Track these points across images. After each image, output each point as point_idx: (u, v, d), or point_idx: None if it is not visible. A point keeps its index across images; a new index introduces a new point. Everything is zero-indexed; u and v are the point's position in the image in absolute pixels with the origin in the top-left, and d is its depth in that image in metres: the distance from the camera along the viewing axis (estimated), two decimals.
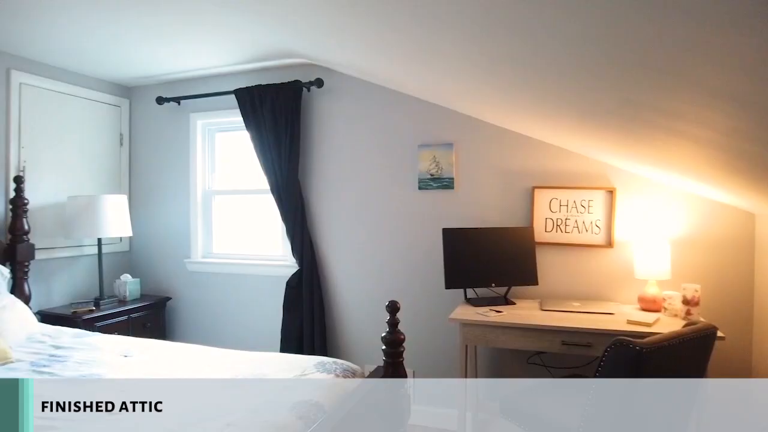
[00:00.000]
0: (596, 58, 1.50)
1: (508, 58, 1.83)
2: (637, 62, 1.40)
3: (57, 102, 3.49)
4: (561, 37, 1.42)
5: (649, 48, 1.29)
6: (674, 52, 1.26)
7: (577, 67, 1.65)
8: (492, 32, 1.59)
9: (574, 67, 1.66)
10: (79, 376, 2.12)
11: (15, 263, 3.03)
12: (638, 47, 1.31)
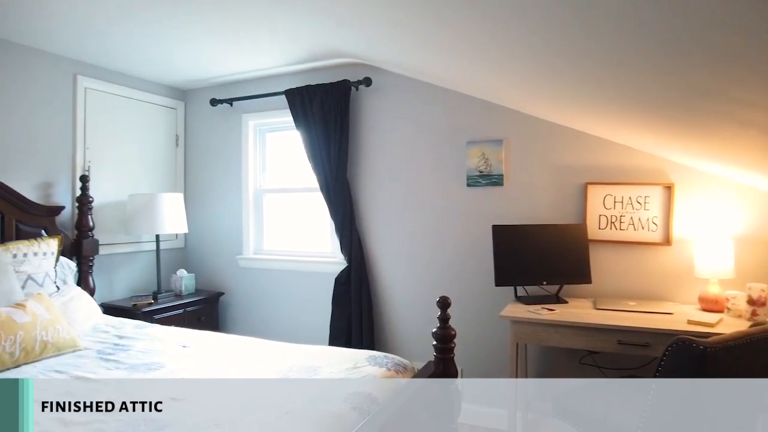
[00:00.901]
0: (660, 45, 1.45)
1: (570, 51, 1.80)
2: (707, 50, 1.35)
3: (118, 105, 3.66)
4: (630, 25, 1.39)
5: (724, 33, 1.24)
6: (750, 37, 1.21)
7: (640, 56, 1.61)
8: (555, 23, 1.57)
9: (637, 56, 1.62)
10: (142, 363, 2.21)
11: (81, 258, 3.19)
12: (709, 32, 1.26)
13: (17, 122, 3.03)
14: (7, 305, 2.30)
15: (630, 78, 1.87)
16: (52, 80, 3.23)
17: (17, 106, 3.03)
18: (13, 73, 3.01)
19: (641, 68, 1.72)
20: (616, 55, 1.66)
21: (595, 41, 1.61)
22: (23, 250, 2.70)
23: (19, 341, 2.16)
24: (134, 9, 2.54)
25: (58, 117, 3.26)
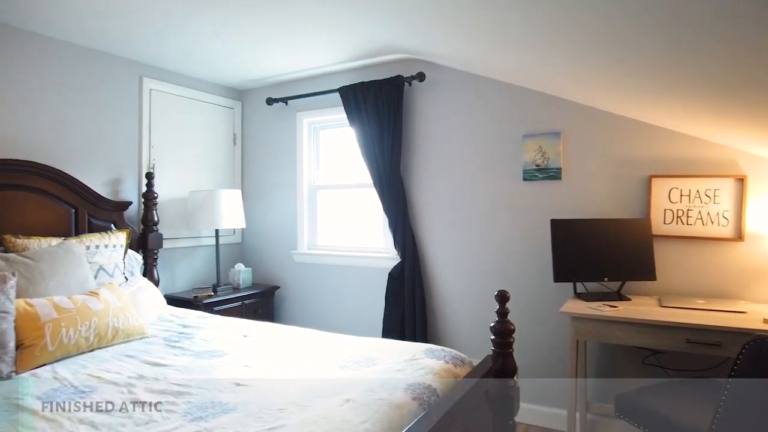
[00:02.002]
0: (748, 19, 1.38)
1: (641, 33, 1.73)
2: None
3: (180, 105, 3.81)
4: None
5: None
6: None
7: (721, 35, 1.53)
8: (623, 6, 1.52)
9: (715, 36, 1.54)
10: (205, 351, 2.29)
11: (146, 251, 3.34)
12: None
13: (89, 122, 3.21)
14: (81, 293, 2.44)
15: (699, 58, 1.78)
16: (120, 82, 3.40)
17: (89, 107, 3.21)
18: (85, 75, 3.19)
19: (716, 45, 1.64)
20: (690, 33, 1.59)
21: (664, 24, 1.54)
22: (95, 242, 2.86)
23: (94, 327, 2.28)
24: (196, 13, 2.65)
25: (125, 117, 3.43)
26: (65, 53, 3.08)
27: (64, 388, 1.85)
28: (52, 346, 2.11)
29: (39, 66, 2.96)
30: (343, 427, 1.47)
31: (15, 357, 2.02)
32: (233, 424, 1.53)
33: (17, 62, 2.86)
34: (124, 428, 1.53)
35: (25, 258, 2.40)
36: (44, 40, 2.98)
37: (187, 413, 1.62)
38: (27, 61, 2.90)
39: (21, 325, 2.08)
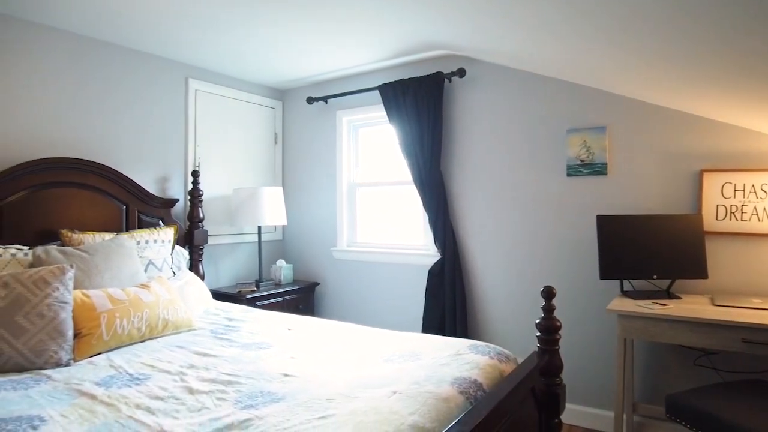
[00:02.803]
0: None
1: (697, 20, 1.68)
2: None
3: (223, 105, 3.91)
4: None
5: None
6: None
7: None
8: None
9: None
10: (252, 342, 2.34)
11: (192, 246, 3.43)
12: None
13: (138, 122, 3.33)
14: (133, 286, 2.53)
15: (757, 44, 1.71)
16: (167, 84, 3.51)
17: (138, 108, 3.33)
18: (135, 78, 3.31)
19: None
20: (747, 17, 1.53)
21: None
22: (145, 238, 2.95)
23: (145, 318, 2.36)
24: (240, 15, 2.71)
25: (172, 117, 3.54)
26: (116, 56, 3.20)
27: (120, 375, 1.92)
28: (107, 336, 2.20)
29: (94, 69, 3.08)
30: (391, 418, 1.47)
31: (73, 345, 2.11)
32: (283, 412, 1.55)
33: (77, 66, 2.99)
34: (178, 414, 1.58)
35: (81, 251, 2.51)
36: (98, 44, 3.10)
37: (237, 401, 1.65)
38: (85, 65, 3.03)
39: (78, 315, 2.17)
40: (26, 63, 2.79)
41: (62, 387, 1.79)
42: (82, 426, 1.49)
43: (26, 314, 2.03)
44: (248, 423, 1.49)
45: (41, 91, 2.86)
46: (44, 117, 2.87)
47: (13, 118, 2.75)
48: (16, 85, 2.75)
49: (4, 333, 1.98)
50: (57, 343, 2.05)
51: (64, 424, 1.50)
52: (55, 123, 2.91)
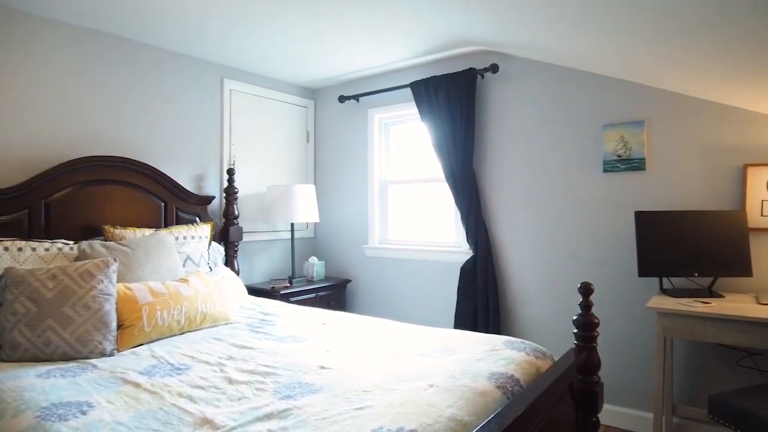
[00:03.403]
0: None
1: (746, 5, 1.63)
2: None
3: (257, 105, 3.97)
4: None
5: None
6: None
7: None
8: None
9: None
10: (288, 336, 2.37)
11: (227, 243, 3.50)
12: None
13: (176, 122, 3.41)
14: (172, 280, 2.59)
15: None
16: (203, 84, 3.59)
17: (176, 108, 3.41)
18: (172, 78, 3.39)
19: None
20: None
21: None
22: (183, 234, 3.03)
23: (185, 311, 2.42)
24: (274, 16, 2.77)
25: (208, 117, 3.62)
26: (155, 58, 3.29)
27: (161, 365, 1.97)
28: (148, 327, 2.26)
29: (134, 71, 3.18)
30: (429, 410, 1.47)
31: (116, 336, 2.18)
32: (321, 402, 1.57)
33: (117, 68, 3.09)
34: (219, 402, 1.61)
35: (123, 246, 2.59)
36: (137, 46, 3.19)
37: (276, 392, 1.68)
38: (125, 67, 3.13)
39: (121, 306, 2.24)
40: (71, 66, 2.90)
41: (107, 375, 1.85)
42: (128, 412, 1.54)
43: (73, 305, 2.11)
44: (287, 412, 1.51)
45: (84, 92, 2.96)
46: (87, 117, 2.97)
47: (59, 119, 2.85)
48: (62, 88, 2.86)
49: (52, 323, 2.06)
50: (101, 334, 2.12)
51: (111, 409, 1.55)
52: (96, 123, 3.01)
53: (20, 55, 2.70)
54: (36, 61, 2.76)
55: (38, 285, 2.11)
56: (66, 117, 2.88)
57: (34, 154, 2.75)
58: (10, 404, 1.58)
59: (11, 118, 2.68)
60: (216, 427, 1.43)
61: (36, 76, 2.77)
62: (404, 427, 1.36)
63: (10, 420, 1.49)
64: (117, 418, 1.49)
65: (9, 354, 2.02)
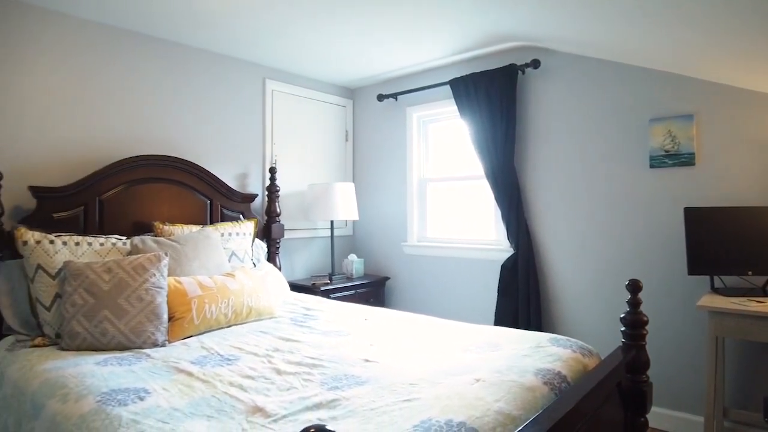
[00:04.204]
0: None
1: None
2: None
3: (297, 105, 4.04)
4: None
5: None
6: None
7: None
8: None
9: None
10: (331, 330, 2.41)
11: (270, 240, 3.57)
12: None
13: (220, 121, 3.51)
14: (219, 274, 2.66)
15: None
16: (246, 85, 3.68)
17: (220, 108, 3.51)
18: (217, 79, 3.49)
19: None
20: None
21: None
22: (228, 230, 3.10)
23: (231, 305, 2.48)
24: (315, 16, 2.82)
25: (250, 116, 3.70)
26: (200, 60, 3.39)
27: (211, 356, 2.03)
28: (197, 320, 2.33)
29: (180, 72, 3.28)
30: (476, 404, 1.47)
31: (167, 327, 2.26)
32: (368, 394, 1.59)
33: (166, 72, 3.20)
34: (269, 392, 1.65)
35: (172, 242, 2.67)
36: (185, 49, 3.30)
37: (323, 383, 1.71)
38: (173, 70, 3.24)
39: (172, 299, 2.32)
40: (125, 71, 3.02)
41: (161, 364, 1.92)
42: (182, 399, 1.59)
43: (127, 297, 2.19)
44: (336, 403, 1.53)
45: (136, 95, 3.08)
46: (138, 118, 3.09)
47: (112, 120, 2.98)
48: (116, 91, 2.98)
49: (108, 314, 2.15)
50: (154, 325, 2.20)
51: (167, 396, 1.61)
52: (146, 123, 3.13)
53: (79, 61, 2.84)
54: (93, 66, 2.89)
55: (95, 278, 2.21)
56: (118, 118, 3.00)
57: (89, 153, 2.87)
58: (72, 389, 1.66)
59: (69, 119, 2.81)
60: (267, 415, 1.47)
61: (92, 81, 2.89)
62: (453, 419, 1.36)
63: (73, 404, 1.57)
64: (173, 404, 1.55)
65: (68, 343, 2.12)
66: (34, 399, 1.72)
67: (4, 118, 2.58)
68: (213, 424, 1.42)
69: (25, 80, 2.66)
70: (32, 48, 2.67)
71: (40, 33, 2.70)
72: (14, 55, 2.61)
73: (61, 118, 2.78)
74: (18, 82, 2.63)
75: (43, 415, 1.61)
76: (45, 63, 2.72)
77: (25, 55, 2.65)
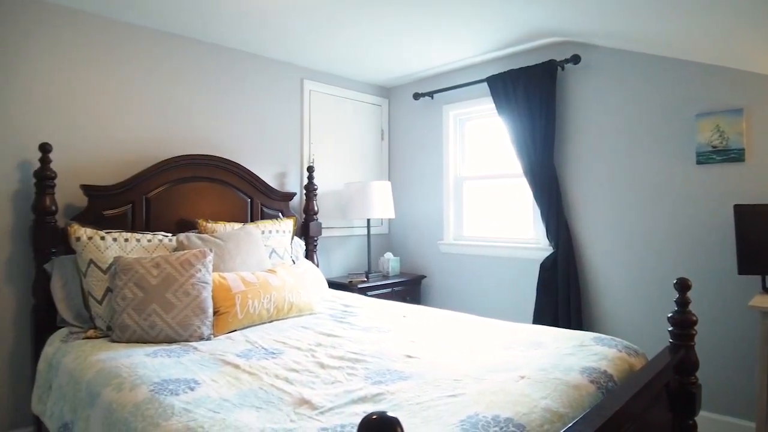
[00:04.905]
0: None
1: None
2: None
3: (334, 104, 4.08)
4: None
5: None
6: None
7: None
8: None
9: None
10: (371, 326, 2.43)
11: (308, 238, 3.62)
12: None
13: (260, 122, 3.58)
14: (260, 270, 2.71)
15: None
16: (285, 85, 3.74)
17: (260, 109, 3.58)
18: (257, 80, 3.56)
19: None
20: None
21: None
22: (268, 228, 3.16)
23: (273, 300, 2.53)
24: (353, 16, 2.86)
25: (289, 116, 3.76)
26: (241, 61, 3.46)
27: (256, 350, 2.08)
28: (241, 315, 2.39)
29: (223, 75, 3.36)
30: (522, 400, 1.46)
31: (213, 322, 2.32)
32: (412, 389, 1.60)
33: (209, 74, 3.28)
34: (314, 385, 1.68)
35: (216, 239, 2.74)
36: (227, 52, 3.38)
37: (367, 377, 1.73)
38: (216, 72, 3.32)
39: (216, 294, 2.38)
40: (172, 73, 3.11)
41: (208, 357, 1.97)
42: (231, 389, 1.64)
43: (174, 292, 2.26)
44: (381, 397, 1.55)
45: (181, 97, 3.17)
46: (182, 119, 3.18)
47: (157, 121, 3.07)
48: (162, 93, 3.08)
49: (156, 308, 2.22)
50: (200, 319, 2.26)
51: (216, 387, 1.65)
52: (190, 124, 3.22)
53: (129, 65, 2.95)
54: (141, 70, 3.00)
55: (144, 272, 2.28)
56: (164, 119, 3.10)
57: (136, 153, 2.97)
58: (126, 379, 1.72)
59: (118, 121, 2.91)
60: (314, 408, 1.49)
61: (140, 84, 2.99)
62: (500, 414, 1.36)
63: (128, 392, 1.63)
64: (222, 394, 1.59)
65: (119, 335, 2.20)
66: (89, 387, 1.79)
67: (60, 122, 2.70)
68: (262, 415, 1.45)
69: (81, 85, 2.77)
70: (85, 53, 2.78)
71: (93, 39, 2.81)
72: (70, 61, 2.73)
73: (111, 120, 2.89)
74: (73, 87, 2.75)
75: (99, 403, 1.68)
76: (97, 68, 2.83)
77: (79, 60, 2.76)
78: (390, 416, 0.71)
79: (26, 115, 2.60)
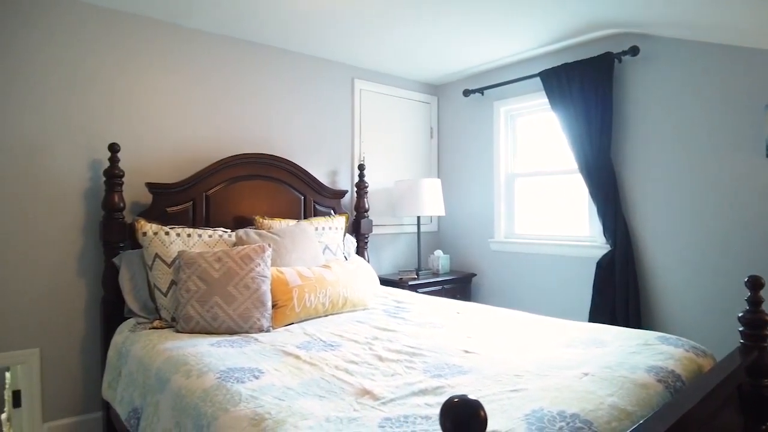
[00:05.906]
0: None
1: None
2: None
3: (383, 103, 4.11)
4: None
5: None
6: None
7: None
8: None
9: None
10: (425, 322, 2.43)
11: (359, 235, 3.66)
12: None
13: (312, 121, 3.65)
14: (315, 266, 2.76)
15: None
16: (336, 85, 3.80)
17: (312, 107, 3.65)
18: (308, 80, 3.64)
19: None
20: None
21: None
22: (321, 225, 3.22)
23: (329, 295, 2.58)
24: (403, 15, 2.88)
25: (340, 115, 3.82)
26: (294, 62, 3.54)
27: (314, 342, 2.12)
28: (298, 308, 2.44)
29: (277, 76, 3.45)
30: (588, 397, 1.43)
31: (271, 314, 2.38)
32: (472, 383, 1.59)
33: (265, 76, 3.38)
34: (374, 377, 1.70)
35: (273, 234, 2.81)
36: (280, 53, 3.47)
37: (426, 371, 1.73)
38: (270, 74, 3.42)
39: (275, 288, 2.44)
40: (228, 76, 3.22)
41: (269, 348, 2.03)
42: (293, 379, 1.68)
43: (236, 285, 2.33)
44: (441, 390, 1.55)
45: (237, 98, 3.27)
46: (239, 120, 3.28)
47: (215, 121, 3.18)
48: (219, 95, 3.19)
49: (219, 300, 2.30)
50: (259, 312, 2.32)
51: (279, 376, 1.70)
52: (246, 124, 3.32)
53: (190, 68, 3.07)
54: (202, 72, 3.12)
55: (206, 266, 2.37)
56: (223, 120, 3.21)
57: (197, 152, 3.09)
58: (194, 366, 1.79)
59: (181, 122, 3.04)
60: (376, 398, 1.51)
61: (202, 86, 3.12)
62: (566, 410, 1.34)
63: (195, 379, 1.70)
64: (285, 383, 1.63)
65: (183, 326, 2.29)
66: (159, 374, 1.87)
67: (129, 123, 2.84)
68: (325, 403, 1.48)
69: (146, 88, 2.91)
70: (145, 56, 2.92)
71: (155, 42, 2.94)
72: (135, 64, 2.87)
73: (174, 121, 3.01)
74: (139, 90, 2.89)
75: (169, 389, 1.75)
76: (160, 71, 2.96)
77: (142, 63, 2.90)
78: (472, 399, 0.72)
79: (95, 118, 2.75)
